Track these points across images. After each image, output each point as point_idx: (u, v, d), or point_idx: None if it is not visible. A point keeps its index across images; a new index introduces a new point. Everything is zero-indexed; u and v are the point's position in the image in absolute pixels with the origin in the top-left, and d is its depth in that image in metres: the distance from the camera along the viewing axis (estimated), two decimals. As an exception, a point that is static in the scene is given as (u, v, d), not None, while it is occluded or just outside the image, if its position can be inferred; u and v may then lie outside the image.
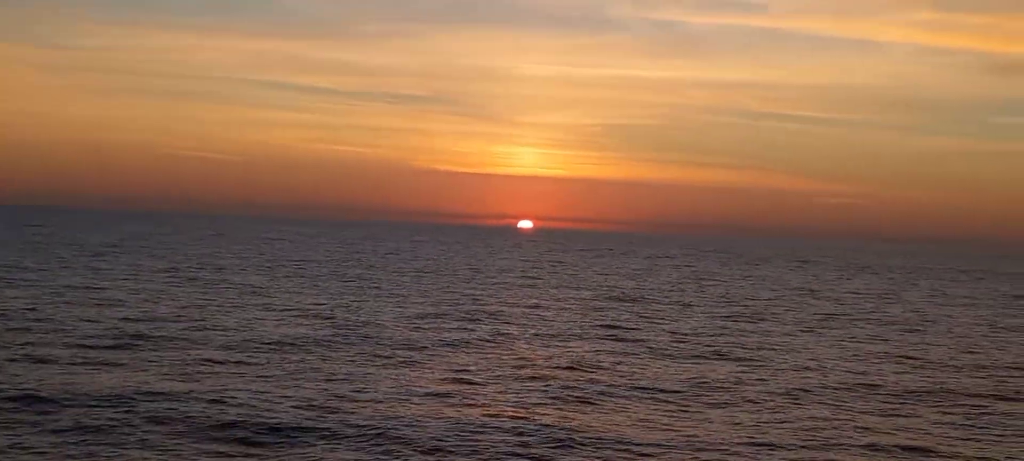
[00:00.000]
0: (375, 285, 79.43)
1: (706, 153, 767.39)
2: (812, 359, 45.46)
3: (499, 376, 36.73)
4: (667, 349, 46.60)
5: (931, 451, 27.83)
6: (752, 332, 56.09)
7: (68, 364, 34.38)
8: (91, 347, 38.38)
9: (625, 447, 26.48)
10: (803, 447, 27.40)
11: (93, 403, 28.20)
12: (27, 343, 38.46)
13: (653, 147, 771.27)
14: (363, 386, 33.04)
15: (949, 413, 33.85)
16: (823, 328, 60.63)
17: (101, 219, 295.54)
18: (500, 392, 33.44)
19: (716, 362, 43.05)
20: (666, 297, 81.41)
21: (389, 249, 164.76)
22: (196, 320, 48.68)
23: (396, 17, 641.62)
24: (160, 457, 23.57)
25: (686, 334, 53.37)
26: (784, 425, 30.19)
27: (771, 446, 27.33)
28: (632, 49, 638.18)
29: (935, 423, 31.91)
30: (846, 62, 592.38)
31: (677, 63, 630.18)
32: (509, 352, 43.38)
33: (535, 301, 71.71)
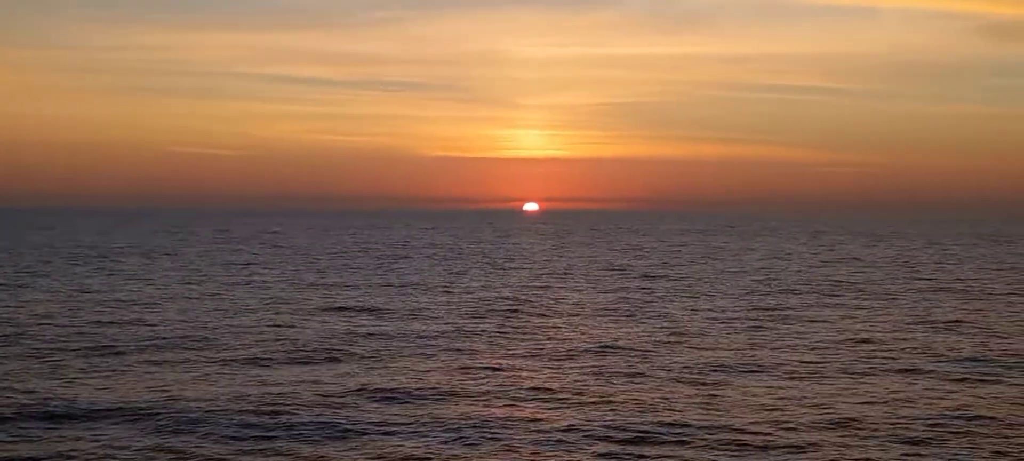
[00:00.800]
0: (390, 276, 79.20)
1: (710, 128, 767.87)
2: (835, 330, 45.24)
3: (520, 364, 36.54)
4: (692, 328, 46.35)
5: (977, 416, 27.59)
6: (775, 306, 55.85)
7: (87, 371, 34.21)
8: (110, 353, 38.19)
9: (654, 430, 26.26)
10: (826, 426, 27.19)
11: (115, 409, 28.03)
12: (44, 350, 38.28)
13: (657, 124, 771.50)
14: (381, 378, 32.84)
15: (993, 381, 33.62)
16: (843, 298, 60.35)
17: (108, 220, 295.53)
18: (521, 380, 33.25)
19: (739, 337, 42.80)
20: (680, 275, 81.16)
21: (398, 239, 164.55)
22: (212, 323, 48.53)
23: (389, 3, 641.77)
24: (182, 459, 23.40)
25: (710, 310, 53.15)
26: (803, 401, 29.97)
27: (790, 426, 27.13)
28: (630, 26, 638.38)
29: (967, 391, 31.68)
30: (847, 31, 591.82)
31: (677, 39, 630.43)
32: (531, 338, 43.17)
33: (550, 284, 71.47)
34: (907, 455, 24.02)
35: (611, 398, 29.98)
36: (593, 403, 29.27)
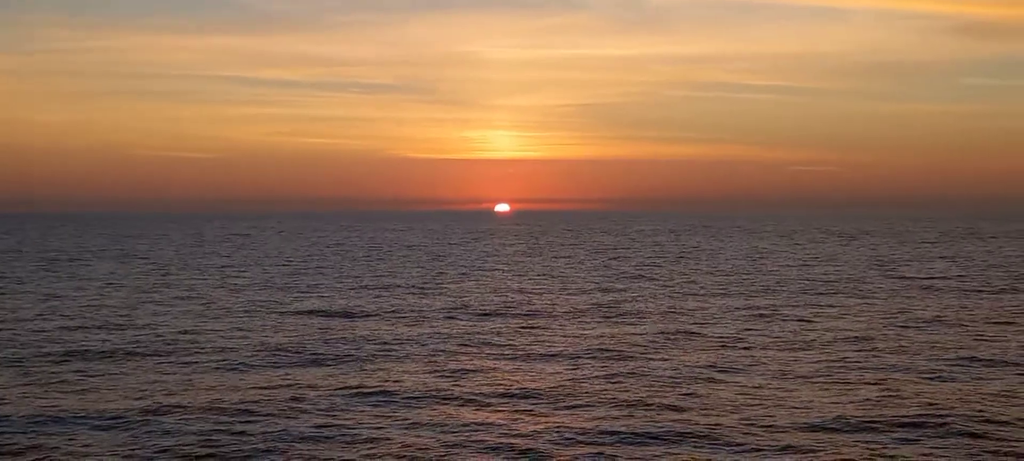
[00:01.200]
0: (364, 278, 78.84)
1: (678, 128, 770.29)
2: (813, 329, 45.25)
3: (496, 365, 36.32)
4: (671, 328, 46.24)
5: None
6: (753, 306, 55.81)
7: (58, 377, 33.79)
8: (82, 359, 37.74)
9: (634, 431, 26.09)
10: (804, 426, 27.10)
11: (89, 416, 27.65)
12: (14, 356, 37.78)
13: (625, 124, 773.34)
14: (356, 381, 32.56)
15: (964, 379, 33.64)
16: (819, 297, 60.42)
17: (77, 224, 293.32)
18: (498, 382, 33.02)
19: (718, 337, 42.72)
20: (657, 275, 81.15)
21: (371, 240, 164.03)
22: (187, 327, 48.11)
23: (359, 6, 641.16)
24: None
25: (688, 311, 53.09)
26: (781, 402, 29.88)
27: (769, 426, 27.03)
28: (598, 28, 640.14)
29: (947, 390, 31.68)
30: (813, 31, 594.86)
31: (644, 40, 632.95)
32: (508, 340, 42.95)
33: (526, 285, 71.26)
34: (884, 455, 23.91)
35: (590, 400, 29.80)
36: (571, 405, 29.08)
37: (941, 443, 24.91)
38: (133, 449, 24.26)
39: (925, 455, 23.87)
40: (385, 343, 41.34)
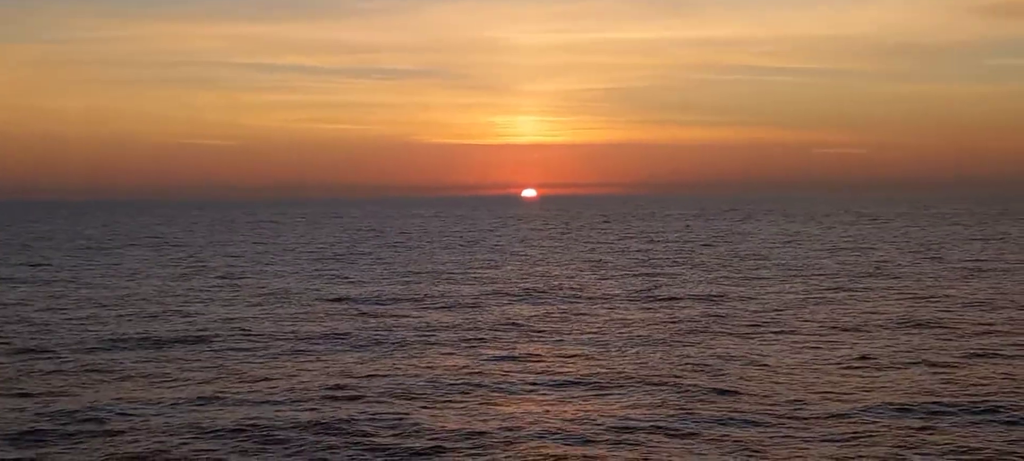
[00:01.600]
0: (394, 265, 78.82)
1: (702, 111, 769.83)
2: (859, 313, 44.93)
3: (531, 352, 36.18)
4: (711, 312, 46.02)
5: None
6: (787, 289, 55.44)
7: (88, 368, 33.84)
8: (112, 349, 37.79)
9: (671, 419, 25.89)
10: (836, 413, 26.83)
11: (127, 409, 27.65)
12: (44, 347, 37.88)
13: (650, 108, 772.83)
14: (389, 368, 32.46)
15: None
16: (858, 281, 60.01)
17: (103, 212, 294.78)
18: (534, 369, 32.86)
19: (752, 322, 42.45)
20: (687, 260, 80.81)
21: (399, 227, 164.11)
22: (218, 316, 48.18)
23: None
24: None
25: (724, 296, 52.83)
26: (816, 391, 29.61)
27: (807, 412, 26.76)
28: (622, 11, 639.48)
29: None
30: (838, 12, 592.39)
31: (668, 23, 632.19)
32: (545, 326, 42.78)
33: (559, 271, 71.08)
34: (925, 439, 23.61)
35: (624, 385, 29.60)
36: (606, 391, 28.90)
37: (983, 428, 24.57)
38: (169, 437, 24.19)
39: (967, 440, 23.55)
40: (417, 329, 41.24)
